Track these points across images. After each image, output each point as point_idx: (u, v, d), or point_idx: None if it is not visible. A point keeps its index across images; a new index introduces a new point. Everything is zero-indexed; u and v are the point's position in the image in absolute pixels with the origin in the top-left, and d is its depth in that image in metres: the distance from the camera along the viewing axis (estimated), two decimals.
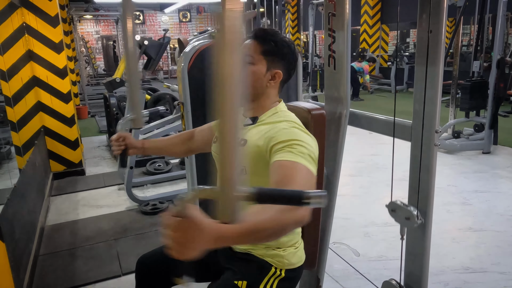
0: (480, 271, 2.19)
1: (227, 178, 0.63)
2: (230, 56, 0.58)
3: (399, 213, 1.31)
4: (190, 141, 1.44)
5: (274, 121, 1.14)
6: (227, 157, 0.62)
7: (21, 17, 3.53)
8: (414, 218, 1.25)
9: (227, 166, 0.63)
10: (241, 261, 1.19)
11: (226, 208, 0.64)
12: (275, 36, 1.17)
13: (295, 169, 0.96)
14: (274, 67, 1.16)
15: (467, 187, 3.43)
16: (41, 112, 3.77)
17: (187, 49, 2.18)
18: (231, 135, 0.61)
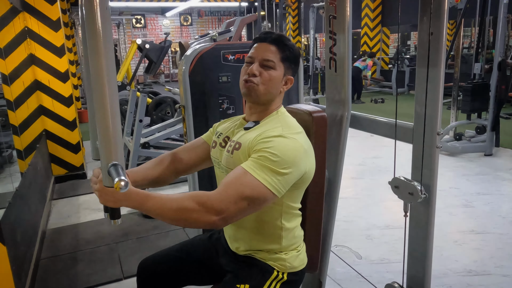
0: (484, 274, 2.18)
1: (104, 151, 0.90)
2: None
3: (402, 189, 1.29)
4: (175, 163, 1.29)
5: (271, 124, 1.13)
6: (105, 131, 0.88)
7: (23, 22, 3.55)
8: (418, 193, 1.24)
9: (104, 139, 0.89)
10: (243, 265, 1.19)
11: (103, 175, 0.93)
12: (290, 41, 1.18)
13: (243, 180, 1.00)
14: (288, 73, 1.18)
15: (470, 190, 3.42)
16: (43, 115, 3.78)
17: (188, 52, 2.19)
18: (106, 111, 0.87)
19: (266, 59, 1.14)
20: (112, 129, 0.88)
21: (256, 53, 1.15)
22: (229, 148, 1.15)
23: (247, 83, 1.14)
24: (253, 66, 1.14)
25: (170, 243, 2.52)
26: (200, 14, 16.34)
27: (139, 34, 15.24)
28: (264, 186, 0.99)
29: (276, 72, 1.14)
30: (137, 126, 3.62)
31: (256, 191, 0.99)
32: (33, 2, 3.55)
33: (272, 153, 1.02)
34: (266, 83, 1.13)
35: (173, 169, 1.28)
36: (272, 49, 1.14)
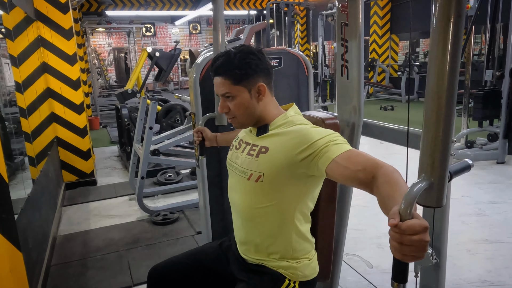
0: (498, 284, 2.14)
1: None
2: None
3: None
4: None
5: (289, 127, 1.14)
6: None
7: (36, 31, 3.62)
8: (429, 257, 1.22)
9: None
10: (255, 273, 1.18)
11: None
12: (230, 61, 1.12)
13: (356, 155, 1.01)
14: (253, 84, 1.14)
15: (482, 198, 3.37)
16: (55, 123, 3.83)
17: (199, 60, 2.20)
18: None
19: (222, 93, 1.15)
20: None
21: (216, 90, 1.18)
22: (252, 152, 1.16)
23: (229, 119, 1.20)
24: (220, 104, 1.18)
25: (179, 250, 2.52)
26: (209, 23, 16.48)
27: (149, 43, 15.42)
28: (358, 151, 1.07)
29: (238, 97, 1.14)
30: (147, 133, 3.64)
31: (362, 153, 1.05)
32: (46, 11, 3.62)
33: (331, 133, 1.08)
34: (238, 112, 1.16)
35: None
36: (221, 81, 1.14)
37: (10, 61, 3.73)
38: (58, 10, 3.66)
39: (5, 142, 4.13)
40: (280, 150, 1.09)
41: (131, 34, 11.34)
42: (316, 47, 10.80)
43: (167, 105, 5.80)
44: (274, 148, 1.11)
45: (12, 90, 4.44)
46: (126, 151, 4.77)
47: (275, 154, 1.10)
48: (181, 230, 2.96)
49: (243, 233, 1.21)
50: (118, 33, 15.36)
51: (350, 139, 1.42)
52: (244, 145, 1.22)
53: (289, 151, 1.07)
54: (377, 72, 10.90)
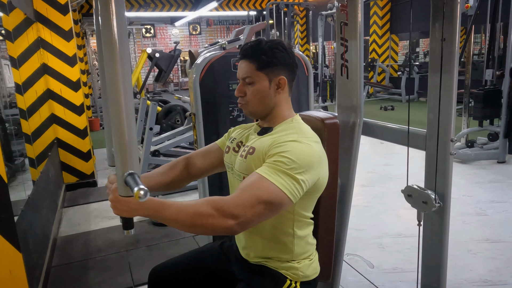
0: (500, 284, 2.13)
1: (120, 160, 0.89)
2: None
3: (416, 198, 1.27)
4: (189, 168, 1.31)
5: (286, 131, 1.13)
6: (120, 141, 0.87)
7: (36, 32, 3.62)
8: (432, 202, 1.21)
9: (120, 148, 0.88)
10: (256, 273, 1.17)
11: (119, 185, 0.92)
12: (260, 47, 1.14)
13: (259, 185, 0.99)
14: (275, 75, 1.15)
15: (483, 197, 3.36)
16: (55, 124, 3.83)
17: (199, 60, 2.21)
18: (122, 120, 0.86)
19: (243, 77, 1.15)
20: (127, 138, 0.87)
21: (238, 72, 1.18)
22: (243, 153, 1.15)
23: (239, 104, 1.19)
24: (238, 87, 1.17)
25: (180, 251, 2.52)
26: (209, 23, 16.50)
27: (149, 44, 15.42)
28: (280, 190, 0.98)
29: (258, 84, 1.14)
30: (147, 134, 3.64)
31: (273, 195, 0.98)
32: (46, 12, 3.62)
33: (287, 157, 1.01)
34: (253, 99, 1.15)
35: (186, 174, 1.31)
36: (246, 64, 1.15)
37: (10, 63, 3.74)
38: (58, 12, 3.66)
39: (5, 143, 4.13)
40: (261, 151, 1.09)
41: (131, 35, 11.35)
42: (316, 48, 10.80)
43: (167, 106, 5.81)
44: (258, 149, 1.11)
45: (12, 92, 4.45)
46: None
47: (257, 156, 1.10)
48: (181, 231, 2.96)
49: (243, 238, 1.21)
50: None
51: (350, 139, 1.42)
52: (242, 147, 1.21)
53: (263, 153, 1.08)
54: (377, 72, 10.90)
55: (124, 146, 0.88)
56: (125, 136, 0.87)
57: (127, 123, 0.87)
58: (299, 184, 1.01)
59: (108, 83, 0.85)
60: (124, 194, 0.92)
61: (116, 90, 0.84)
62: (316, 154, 1.06)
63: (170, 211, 0.96)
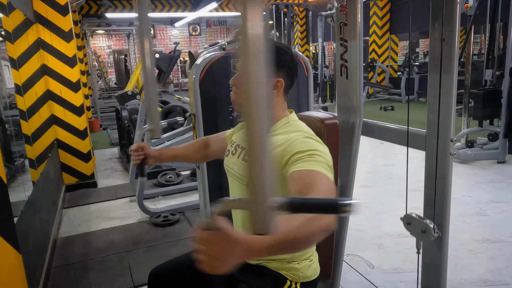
0: (500, 284, 2.13)
1: (258, 188, 0.59)
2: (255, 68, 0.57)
3: (414, 226, 1.28)
4: (206, 149, 1.47)
5: (287, 131, 1.13)
6: (257, 166, 0.59)
7: (36, 33, 3.62)
8: (431, 231, 1.22)
9: (258, 175, 0.59)
10: (256, 274, 1.17)
11: (258, 219, 0.60)
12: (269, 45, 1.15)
13: (314, 178, 0.94)
14: (274, 75, 1.15)
15: (483, 198, 3.36)
16: (55, 125, 3.83)
17: (199, 61, 2.20)
18: (260, 142, 0.59)
19: None
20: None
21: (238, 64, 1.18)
22: (246, 157, 1.14)
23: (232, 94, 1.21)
24: (233, 77, 1.18)
25: (180, 252, 2.51)
26: (209, 24, 16.50)
27: None
28: (328, 178, 0.96)
29: None
30: (147, 135, 3.64)
31: (328, 183, 0.94)
32: (46, 13, 3.62)
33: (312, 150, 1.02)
34: None
35: (203, 154, 1.47)
36: None
37: (10, 64, 3.74)
38: (57, 13, 3.66)
39: (5, 144, 4.13)
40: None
41: (131, 36, 11.35)
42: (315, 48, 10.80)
43: (167, 106, 5.80)
44: None
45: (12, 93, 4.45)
46: (126, 153, 4.77)
47: None
48: (181, 231, 2.96)
49: None
50: (117, 35, 15.37)
51: (350, 139, 1.42)
52: (240, 150, 1.21)
53: (278, 156, 1.07)
54: (377, 73, 10.90)
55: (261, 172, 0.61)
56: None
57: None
58: (332, 171, 1.01)
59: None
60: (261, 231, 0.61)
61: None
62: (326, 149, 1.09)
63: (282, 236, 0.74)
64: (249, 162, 0.59)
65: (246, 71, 0.57)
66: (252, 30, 0.55)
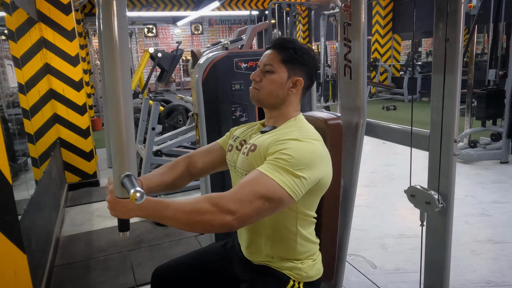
0: (503, 285, 2.13)
1: (117, 162, 0.88)
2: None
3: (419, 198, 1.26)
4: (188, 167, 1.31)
5: (288, 130, 1.13)
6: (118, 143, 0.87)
7: (39, 32, 3.62)
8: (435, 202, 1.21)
9: (117, 150, 0.88)
10: (259, 274, 1.17)
11: (116, 186, 0.90)
12: (293, 43, 1.16)
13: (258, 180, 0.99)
14: (295, 74, 1.16)
15: (486, 198, 3.35)
16: (57, 124, 3.84)
17: (201, 60, 2.21)
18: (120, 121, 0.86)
19: (265, 64, 1.17)
20: (125, 139, 0.87)
21: (261, 60, 1.19)
22: (245, 150, 1.15)
23: (252, 88, 1.19)
24: (256, 72, 1.18)
25: (182, 251, 2.52)
26: (211, 23, 16.49)
27: (151, 43, 15.43)
28: (279, 186, 0.98)
29: (277, 74, 1.15)
30: (149, 134, 3.64)
31: (271, 191, 0.97)
32: (48, 12, 3.63)
33: (288, 154, 1.01)
34: (267, 87, 1.15)
35: (187, 173, 1.30)
36: (273, 53, 1.17)
37: (13, 63, 3.75)
38: (60, 12, 3.67)
39: (8, 143, 4.14)
40: (262, 149, 1.09)
41: (133, 35, 11.36)
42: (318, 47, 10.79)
43: (170, 105, 5.81)
44: (259, 146, 1.11)
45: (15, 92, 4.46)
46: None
47: (258, 153, 1.10)
48: (183, 231, 2.96)
49: (246, 237, 1.21)
50: None
51: (353, 140, 1.42)
52: (245, 145, 1.21)
53: (264, 150, 1.08)
54: (379, 72, 10.88)
55: (121, 147, 0.88)
56: (123, 137, 0.87)
57: (125, 124, 0.86)
58: (300, 181, 1.00)
59: (107, 83, 0.85)
60: (121, 196, 0.92)
61: (115, 90, 0.84)
62: (318, 152, 1.06)
63: (168, 211, 0.95)
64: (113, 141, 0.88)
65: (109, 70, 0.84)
66: None
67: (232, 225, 0.96)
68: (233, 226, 0.96)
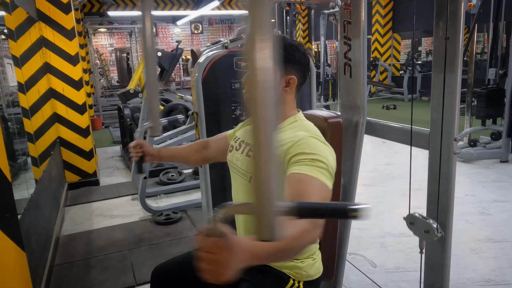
0: (503, 284, 2.13)
1: (264, 192, 0.56)
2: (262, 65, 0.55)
3: (417, 226, 1.27)
4: (205, 150, 1.46)
5: (294, 130, 1.13)
6: (264, 170, 0.56)
7: (38, 31, 3.62)
8: (434, 231, 1.22)
9: (264, 178, 0.56)
10: (259, 273, 1.17)
11: (265, 225, 0.57)
12: (282, 42, 1.16)
13: (311, 184, 0.95)
14: (287, 73, 1.15)
15: (486, 197, 3.35)
16: (57, 123, 3.83)
17: (201, 59, 2.20)
18: (268, 143, 0.56)
19: None
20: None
21: None
22: (250, 153, 1.15)
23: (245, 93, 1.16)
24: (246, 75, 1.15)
25: (182, 250, 2.51)
26: (211, 22, 16.49)
27: None
28: (328, 188, 0.98)
29: None
30: (149, 133, 3.64)
31: (325, 194, 0.97)
32: (48, 12, 3.62)
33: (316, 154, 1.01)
34: None
35: (203, 155, 1.46)
36: None
37: (12, 62, 3.74)
38: (60, 11, 3.66)
39: (8, 142, 4.14)
40: None
41: (133, 34, 11.35)
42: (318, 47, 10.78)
43: (169, 105, 5.80)
44: None
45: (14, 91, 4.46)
46: (128, 151, 4.77)
47: None
48: (183, 229, 2.96)
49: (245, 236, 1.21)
50: (120, 33, 15.37)
51: (353, 138, 1.42)
52: (244, 146, 1.21)
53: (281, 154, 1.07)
54: (379, 71, 10.87)
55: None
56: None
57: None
58: (331, 175, 1.01)
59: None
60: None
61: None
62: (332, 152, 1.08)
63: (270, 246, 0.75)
64: (255, 164, 0.56)
65: (253, 69, 0.55)
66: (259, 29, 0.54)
67: (320, 235, 0.91)
68: (318, 238, 0.95)
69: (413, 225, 1.28)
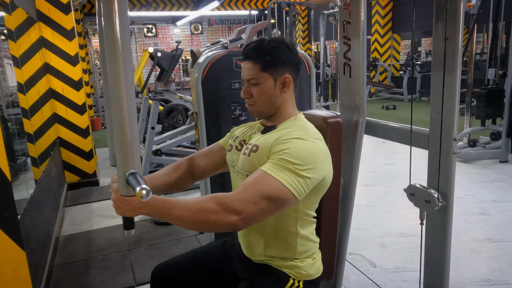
0: (502, 284, 2.13)
1: (121, 160, 0.89)
2: None
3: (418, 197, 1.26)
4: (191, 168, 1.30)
5: (290, 129, 1.13)
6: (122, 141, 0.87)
7: (38, 31, 3.62)
8: (435, 201, 1.21)
9: (121, 148, 0.87)
10: (259, 272, 1.17)
11: (120, 184, 0.91)
12: (263, 47, 1.13)
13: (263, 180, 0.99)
14: (280, 74, 1.15)
15: (485, 197, 3.36)
16: (57, 123, 3.83)
17: (201, 59, 2.20)
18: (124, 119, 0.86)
19: (248, 78, 1.15)
20: (129, 137, 0.87)
21: (242, 74, 1.18)
22: (246, 151, 1.15)
23: (247, 105, 1.19)
24: (243, 89, 1.17)
25: (182, 250, 2.52)
26: (211, 23, 16.49)
27: (150, 43, 15.42)
28: (284, 187, 0.98)
29: (263, 84, 1.14)
30: (149, 134, 3.64)
31: (276, 191, 0.98)
32: (48, 12, 3.62)
33: (292, 154, 1.01)
34: (260, 99, 1.15)
35: (189, 174, 1.30)
36: (250, 66, 1.14)
37: (12, 62, 3.74)
38: (60, 11, 3.66)
39: (8, 143, 4.13)
40: (265, 149, 1.09)
41: (133, 35, 11.35)
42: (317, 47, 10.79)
43: (169, 105, 5.81)
44: (261, 147, 1.11)
45: (14, 91, 4.46)
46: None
47: (260, 153, 1.10)
48: (183, 230, 2.96)
49: (246, 237, 1.21)
50: None
51: (353, 138, 1.42)
52: (244, 146, 1.21)
53: (267, 151, 1.08)
54: (379, 72, 10.88)
55: (125, 145, 0.87)
56: (127, 136, 0.87)
57: (129, 122, 0.87)
58: (304, 181, 1.01)
59: (110, 82, 0.85)
60: (126, 193, 0.92)
61: (118, 89, 0.84)
62: (321, 151, 1.07)
63: (174, 209, 0.96)
64: (116, 139, 0.87)
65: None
66: None
67: (237, 225, 0.96)
68: (238, 226, 0.97)
69: (413, 196, 1.27)
